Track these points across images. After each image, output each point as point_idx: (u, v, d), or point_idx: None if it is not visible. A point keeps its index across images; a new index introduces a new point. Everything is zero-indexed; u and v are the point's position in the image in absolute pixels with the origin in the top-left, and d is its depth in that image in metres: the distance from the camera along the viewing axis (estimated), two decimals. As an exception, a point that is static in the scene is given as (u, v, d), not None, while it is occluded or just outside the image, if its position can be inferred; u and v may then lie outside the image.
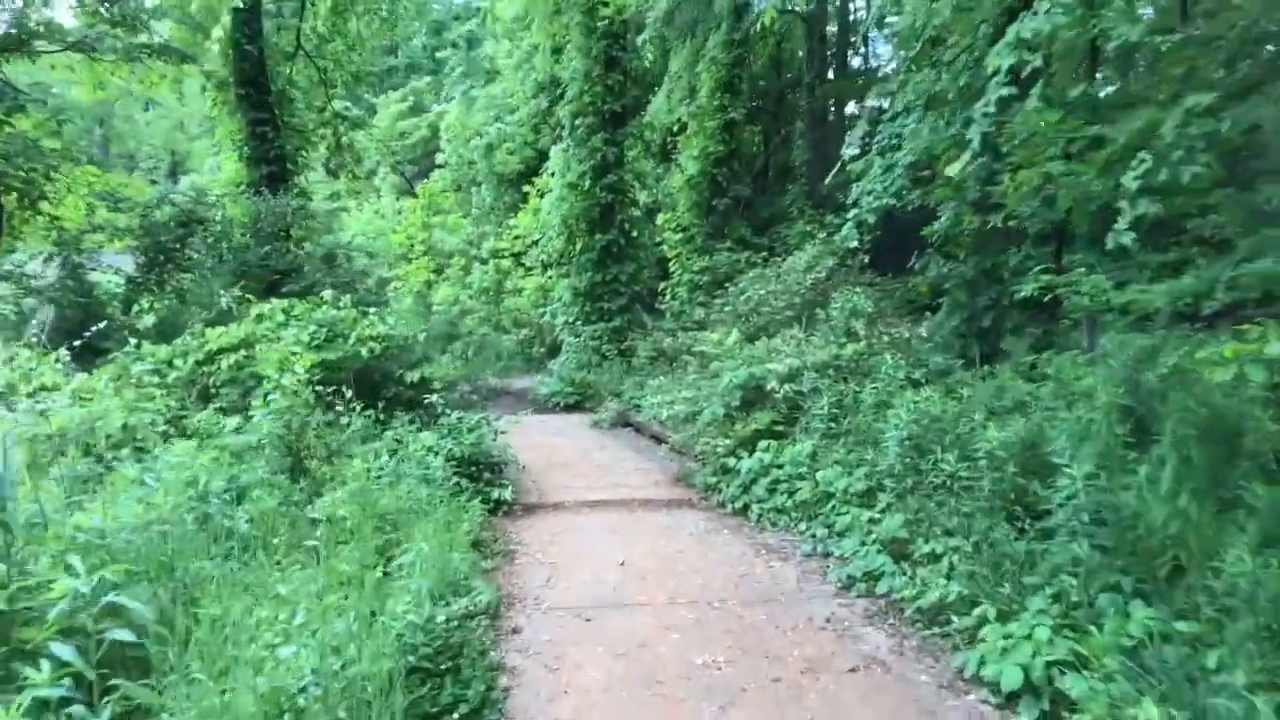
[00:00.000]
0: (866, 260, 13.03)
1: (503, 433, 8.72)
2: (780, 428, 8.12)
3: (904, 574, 5.67)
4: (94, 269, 13.19)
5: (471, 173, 28.52)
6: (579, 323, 17.44)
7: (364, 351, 7.92)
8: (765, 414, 8.20)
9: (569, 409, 15.20)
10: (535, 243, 21.79)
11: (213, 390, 7.74)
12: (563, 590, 5.86)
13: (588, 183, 17.35)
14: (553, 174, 19.68)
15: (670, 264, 19.73)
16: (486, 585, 5.48)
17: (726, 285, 14.88)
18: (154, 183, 33.93)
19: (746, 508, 7.67)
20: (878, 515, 6.36)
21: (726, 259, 17.66)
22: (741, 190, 20.04)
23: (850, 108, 28.06)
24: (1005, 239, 10.32)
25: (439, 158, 28.81)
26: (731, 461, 8.02)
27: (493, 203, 27.28)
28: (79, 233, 13.19)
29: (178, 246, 13.69)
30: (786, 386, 8.12)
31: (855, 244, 12.51)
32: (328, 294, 8.60)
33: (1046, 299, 9.07)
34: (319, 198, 31.12)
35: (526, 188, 24.25)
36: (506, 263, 23.83)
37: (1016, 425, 6.21)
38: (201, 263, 13.27)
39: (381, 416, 7.86)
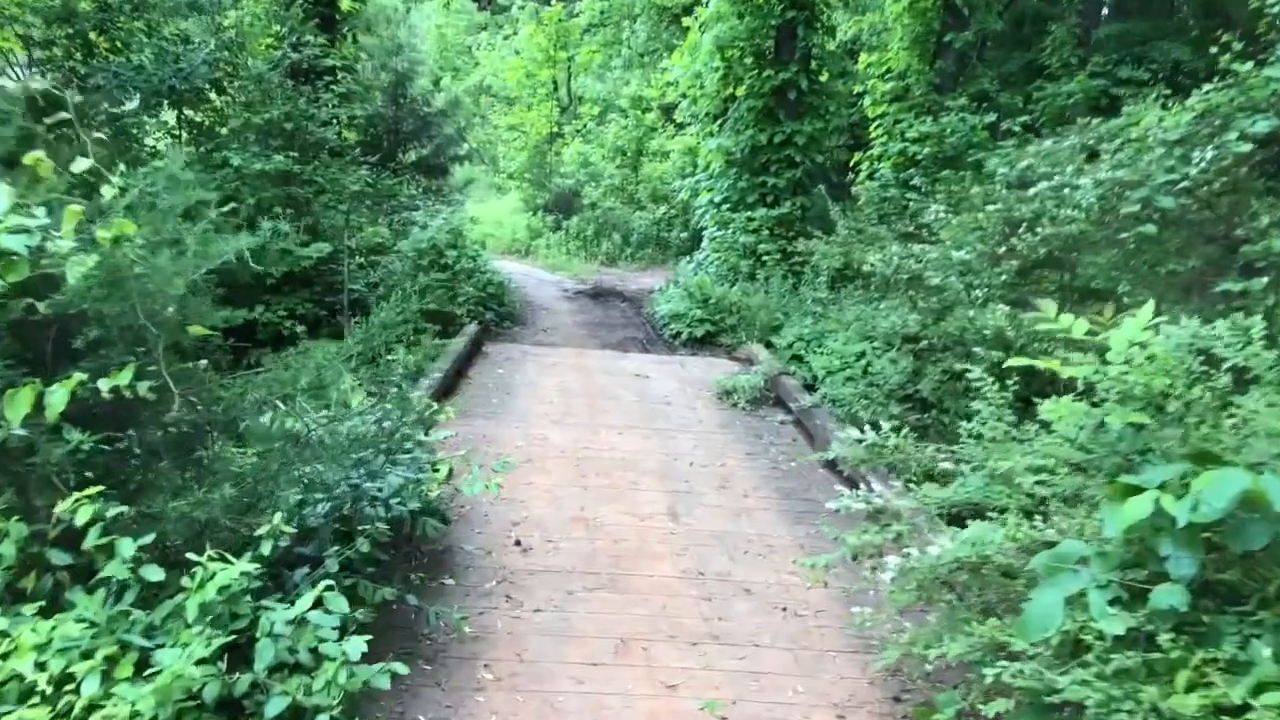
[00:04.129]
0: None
1: (440, 523, 2.92)
2: None
3: None
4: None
5: (626, 4, 21.60)
6: (727, 206, 11.07)
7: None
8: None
9: (694, 345, 9.11)
10: (688, 92, 15.22)
11: None
12: None
13: (761, -10, 10.61)
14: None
15: (871, 128, 12.74)
16: None
17: (957, 166, 8.18)
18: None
19: None
20: None
21: (959, 125, 10.65)
22: (989, 23, 12.44)
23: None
24: None
25: (589, -17, 22.02)
26: None
27: (647, 41, 20.42)
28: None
29: (95, 39, 8.10)
30: None
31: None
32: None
33: None
34: (455, 30, 25.31)
35: (688, 22, 17.40)
36: (652, 116, 17.29)
37: None
38: (123, 69, 7.70)
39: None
